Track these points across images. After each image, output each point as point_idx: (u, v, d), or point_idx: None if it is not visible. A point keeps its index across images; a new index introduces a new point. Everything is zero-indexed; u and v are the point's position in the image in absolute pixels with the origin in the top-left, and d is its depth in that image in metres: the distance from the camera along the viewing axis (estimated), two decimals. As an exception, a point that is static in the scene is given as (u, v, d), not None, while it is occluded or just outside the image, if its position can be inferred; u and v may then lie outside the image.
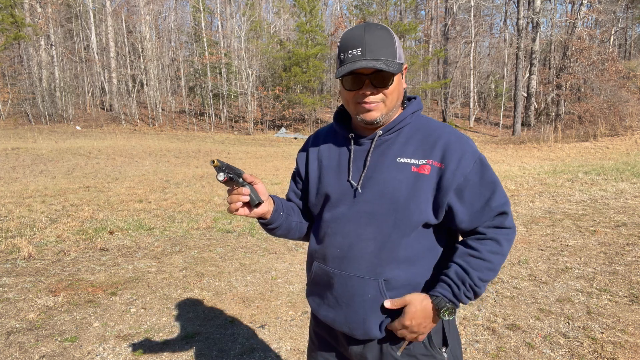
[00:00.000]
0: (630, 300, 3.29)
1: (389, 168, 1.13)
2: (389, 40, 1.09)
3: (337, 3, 41.69)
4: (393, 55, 1.09)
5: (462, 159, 1.09)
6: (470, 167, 1.10)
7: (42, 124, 25.49)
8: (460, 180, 1.09)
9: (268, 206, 1.18)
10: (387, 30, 1.10)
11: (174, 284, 3.78)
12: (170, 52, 34.46)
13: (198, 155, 15.41)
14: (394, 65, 1.07)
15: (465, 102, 32.05)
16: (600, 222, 5.53)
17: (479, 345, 2.73)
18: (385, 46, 1.08)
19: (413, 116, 1.19)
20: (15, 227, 5.42)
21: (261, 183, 1.16)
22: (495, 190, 1.12)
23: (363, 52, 1.07)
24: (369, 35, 1.07)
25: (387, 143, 1.16)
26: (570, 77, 24.67)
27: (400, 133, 1.17)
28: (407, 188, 1.10)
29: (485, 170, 1.12)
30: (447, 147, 1.11)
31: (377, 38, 1.07)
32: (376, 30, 1.08)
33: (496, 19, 38.39)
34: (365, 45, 1.07)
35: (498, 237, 1.11)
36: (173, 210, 6.61)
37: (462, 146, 1.11)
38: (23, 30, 26.83)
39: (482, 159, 1.12)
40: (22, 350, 2.67)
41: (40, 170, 10.59)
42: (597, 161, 11.87)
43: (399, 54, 1.10)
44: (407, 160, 1.12)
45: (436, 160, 1.10)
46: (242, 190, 1.10)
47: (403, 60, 1.13)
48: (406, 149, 1.14)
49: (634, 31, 37.79)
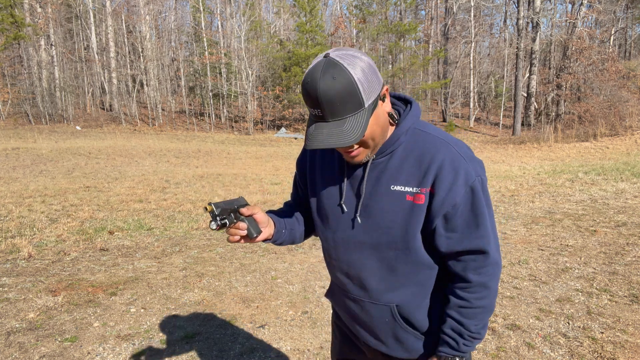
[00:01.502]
0: (630, 300, 3.29)
1: (383, 197, 1.08)
2: (350, 90, 0.93)
3: (337, 3, 41.70)
4: (359, 104, 0.95)
5: (453, 186, 1.02)
6: (460, 195, 1.03)
7: (42, 124, 25.49)
8: (448, 209, 1.04)
9: (268, 232, 1.17)
10: (345, 74, 0.93)
11: (174, 284, 3.78)
12: (170, 52, 34.47)
13: (198, 155, 15.42)
14: (360, 121, 0.96)
15: (465, 102, 32.06)
16: (600, 222, 5.53)
17: (479, 345, 2.73)
18: (346, 101, 0.94)
19: (407, 133, 1.08)
20: (15, 227, 5.42)
21: (260, 211, 1.13)
22: (480, 225, 1.05)
23: (324, 114, 0.96)
24: (324, 94, 0.93)
25: (380, 167, 1.09)
26: (570, 77, 24.67)
27: (394, 155, 1.08)
28: (403, 219, 1.07)
29: (476, 200, 1.04)
30: (439, 171, 1.03)
31: (335, 95, 0.93)
32: (332, 83, 0.92)
33: (496, 19, 38.43)
34: (324, 107, 0.94)
35: (484, 281, 1.08)
36: (173, 210, 6.61)
37: (455, 170, 1.02)
38: (23, 30, 26.83)
39: (474, 188, 1.03)
40: (22, 350, 2.67)
41: (40, 170, 10.59)
42: (597, 161, 11.87)
43: (367, 95, 0.96)
44: (401, 188, 1.06)
45: (428, 187, 1.04)
46: (239, 226, 1.09)
47: (377, 90, 0.98)
48: (399, 175, 1.07)
49: (634, 31, 37.80)
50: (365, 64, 0.96)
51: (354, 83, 0.94)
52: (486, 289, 1.09)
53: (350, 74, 0.93)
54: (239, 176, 10.36)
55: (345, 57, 0.95)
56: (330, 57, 0.95)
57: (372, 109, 0.98)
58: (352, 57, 0.96)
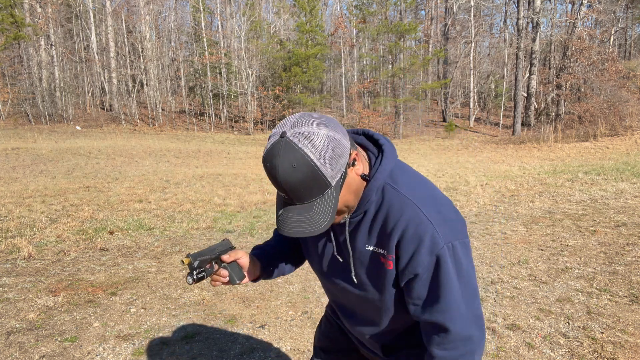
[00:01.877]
0: (630, 300, 3.29)
1: (361, 255, 1.06)
2: (312, 176, 0.87)
3: (337, 3, 41.71)
4: (325, 185, 0.89)
5: (415, 255, 0.96)
6: (423, 265, 0.96)
7: (42, 124, 25.49)
8: (410, 277, 0.99)
9: (253, 275, 1.16)
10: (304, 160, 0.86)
11: (174, 284, 3.78)
12: (170, 52, 34.48)
13: (198, 155, 15.42)
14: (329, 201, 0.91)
15: (465, 102, 32.07)
16: (600, 222, 5.53)
17: (479, 345, 2.73)
18: (311, 187, 0.88)
19: (379, 193, 1.01)
20: (15, 227, 5.42)
21: (244, 256, 1.11)
22: (443, 299, 0.97)
23: (291, 198, 0.91)
24: (286, 183, 0.87)
25: (356, 225, 1.05)
26: (570, 77, 24.67)
27: (366, 215, 1.03)
28: (380, 278, 1.05)
29: (442, 271, 0.96)
30: (402, 237, 0.96)
31: (298, 183, 0.87)
32: (292, 172, 0.86)
33: (496, 19, 38.44)
34: (289, 193, 0.89)
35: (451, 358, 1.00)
36: (173, 210, 6.61)
37: (419, 237, 0.95)
38: (23, 30, 26.83)
39: (440, 257, 0.95)
40: (22, 350, 2.67)
41: (40, 170, 10.59)
42: (597, 161, 11.87)
43: (332, 174, 0.89)
44: (375, 249, 1.03)
45: (393, 253, 0.99)
46: (220, 273, 1.09)
47: (343, 164, 0.91)
48: (372, 236, 1.03)
49: (634, 31, 37.81)
50: (325, 140, 0.87)
51: (315, 169, 0.86)
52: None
53: (310, 159, 0.85)
54: (239, 176, 10.36)
55: (303, 137, 0.86)
56: (287, 139, 0.86)
57: (341, 183, 0.92)
58: (311, 135, 0.87)
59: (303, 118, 0.90)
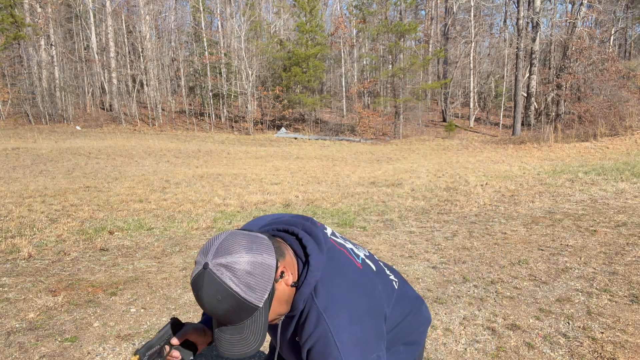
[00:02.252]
0: (630, 300, 3.29)
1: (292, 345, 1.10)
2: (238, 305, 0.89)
3: (337, 3, 41.71)
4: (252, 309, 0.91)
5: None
6: None
7: (42, 124, 25.49)
8: None
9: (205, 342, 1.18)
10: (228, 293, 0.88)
11: (174, 284, 3.78)
12: (170, 52, 34.48)
13: (198, 155, 15.42)
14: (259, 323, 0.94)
15: (465, 102, 32.09)
16: (600, 222, 5.53)
17: (479, 345, 2.73)
18: (238, 313, 0.91)
19: (304, 304, 1.03)
20: (15, 227, 5.42)
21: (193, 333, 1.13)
22: None
23: (220, 323, 0.95)
24: (215, 313, 0.90)
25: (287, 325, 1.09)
26: (570, 77, 24.68)
27: (294, 318, 1.06)
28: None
29: None
30: (311, 351, 0.99)
31: (225, 313, 0.90)
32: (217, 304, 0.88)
33: (496, 19, 38.44)
34: (218, 320, 0.93)
35: None
36: (173, 210, 6.61)
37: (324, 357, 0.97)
38: (23, 30, 26.84)
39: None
40: (22, 350, 2.67)
41: (40, 170, 10.59)
42: (597, 161, 11.87)
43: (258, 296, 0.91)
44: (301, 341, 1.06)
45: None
46: (172, 354, 1.10)
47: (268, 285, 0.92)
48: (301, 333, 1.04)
49: (634, 31, 37.81)
50: (248, 267, 0.89)
51: (240, 299, 0.88)
52: None
53: (233, 290, 0.87)
54: (239, 176, 10.36)
55: (224, 268, 0.88)
56: (209, 270, 0.88)
57: (270, 300, 0.94)
58: (232, 265, 0.88)
59: (226, 243, 0.91)
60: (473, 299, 3.41)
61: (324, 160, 14.88)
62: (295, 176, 10.51)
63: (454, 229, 5.56)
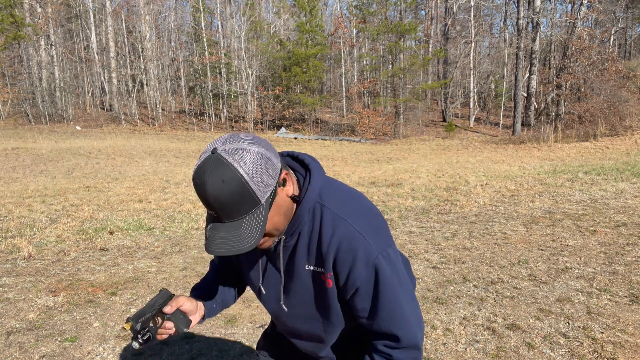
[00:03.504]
0: (630, 300, 3.29)
1: (300, 276, 1.06)
2: (241, 191, 0.87)
3: (337, 3, 41.69)
4: (254, 202, 0.88)
5: (352, 269, 0.98)
6: (361, 278, 0.98)
7: (42, 124, 25.49)
8: (352, 292, 1.01)
9: (198, 317, 1.15)
10: (234, 175, 0.86)
11: (174, 284, 3.78)
12: (170, 52, 34.46)
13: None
14: (258, 219, 0.90)
15: (465, 102, 32.06)
16: (600, 222, 5.53)
17: (479, 345, 2.73)
18: (239, 203, 0.87)
19: (310, 213, 1.02)
20: (15, 227, 5.42)
21: (186, 301, 1.10)
22: (387, 308, 0.99)
23: (219, 216, 0.90)
24: (215, 198, 0.86)
25: (291, 248, 1.05)
26: (570, 77, 24.67)
27: (301, 236, 1.03)
28: (322, 297, 1.06)
29: (382, 280, 0.98)
30: (337, 254, 0.98)
31: (226, 199, 0.86)
32: (221, 186, 0.85)
33: (496, 19, 38.43)
34: (217, 210, 0.89)
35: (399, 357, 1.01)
36: (173, 210, 6.61)
37: (353, 252, 0.97)
38: (23, 30, 26.83)
39: (378, 266, 0.97)
40: (22, 350, 2.67)
41: (40, 170, 10.59)
42: (597, 161, 11.87)
43: (261, 191, 0.89)
44: (314, 268, 1.04)
45: (330, 271, 1.01)
46: (165, 326, 1.07)
47: (273, 182, 0.91)
48: (310, 255, 1.04)
49: (634, 31, 37.81)
50: (255, 156, 0.88)
51: (245, 184, 0.86)
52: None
53: (239, 174, 0.86)
54: (239, 176, 10.36)
55: (234, 153, 0.87)
56: (218, 154, 0.87)
57: (270, 201, 0.92)
58: (241, 152, 0.87)
59: (234, 136, 0.91)
60: (473, 299, 3.41)
61: (324, 160, 14.88)
62: (295, 176, 10.51)
63: (454, 229, 5.56)
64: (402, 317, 1.00)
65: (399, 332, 0.99)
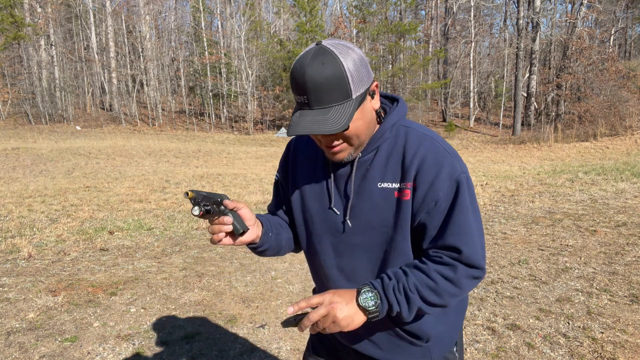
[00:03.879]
0: (630, 300, 3.29)
1: (372, 195, 1.04)
2: (338, 76, 0.91)
3: (337, 3, 41.68)
4: (346, 93, 0.92)
5: (435, 180, 0.99)
6: (443, 190, 0.99)
7: (42, 124, 25.49)
8: (430, 204, 0.99)
9: (256, 231, 1.08)
10: (335, 61, 0.91)
11: (174, 284, 3.78)
12: (170, 52, 34.47)
13: (198, 155, 15.42)
14: (346, 111, 0.93)
15: (465, 102, 32.05)
16: (600, 222, 5.53)
17: (479, 345, 2.73)
18: (333, 88, 0.91)
19: (393, 129, 1.05)
20: (15, 227, 5.42)
21: (246, 207, 1.05)
22: (460, 222, 0.99)
23: (309, 101, 0.93)
24: (312, 79, 0.90)
25: (366, 164, 1.05)
26: (570, 77, 24.67)
27: (379, 152, 1.05)
28: (392, 217, 1.03)
29: (460, 196, 0.99)
30: (422, 165, 0.99)
31: (323, 81, 0.90)
32: (321, 68, 0.90)
33: (496, 19, 38.42)
34: (310, 93, 0.92)
35: (455, 265, 0.99)
36: (173, 210, 6.61)
37: (438, 164, 0.99)
38: (23, 30, 26.84)
39: (459, 182, 0.99)
40: (22, 350, 2.67)
41: (40, 170, 10.59)
42: (597, 161, 11.87)
43: (355, 85, 0.93)
44: (388, 185, 1.03)
45: (411, 182, 1.00)
46: (223, 220, 0.99)
47: (366, 83, 0.96)
48: (386, 172, 1.03)
49: (634, 31, 37.81)
50: (357, 56, 0.94)
51: (343, 71, 0.91)
52: (452, 272, 0.99)
53: (340, 62, 0.91)
54: (239, 176, 10.36)
55: (338, 47, 0.93)
56: (323, 45, 0.93)
57: (360, 101, 0.95)
58: (345, 47, 0.94)
59: (340, 39, 0.98)
60: (473, 299, 3.41)
61: (324, 160, 14.84)
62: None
63: (454, 229, 5.55)
64: (470, 235, 0.99)
65: (464, 248, 0.98)
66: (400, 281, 0.99)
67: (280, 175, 1.25)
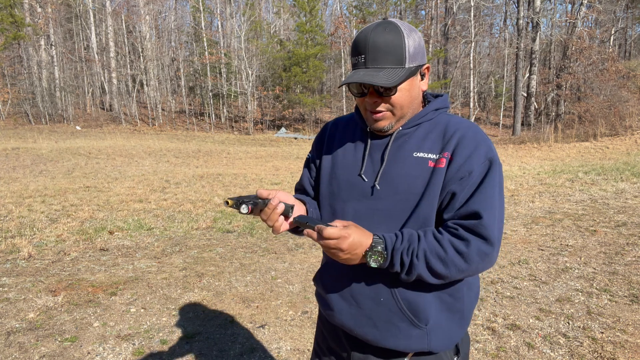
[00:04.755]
0: (630, 300, 3.29)
1: (404, 163, 1.09)
2: (397, 43, 1.01)
3: (337, 3, 41.68)
4: (400, 60, 1.02)
5: (472, 154, 1.05)
6: (478, 164, 1.04)
7: (42, 124, 25.49)
8: (464, 174, 1.04)
9: (301, 208, 1.15)
10: (397, 31, 1.02)
11: (174, 284, 3.78)
12: (170, 52, 34.44)
13: (198, 155, 15.41)
14: (397, 74, 1.01)
15: (465, 102, 32.05)
16: (600, 222, 5.53)
17: (479, 345, 2.73)
18: (390, 52, 1.01)
19: (436, 113, 1.14)
20: (15, 227, 5.42)
21: (279, 191, 1.10)
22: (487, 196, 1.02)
23: (366, 60, 1.03)
24: (373, 40, 1.01)
25: (405, 137, 1.12)
26: (570, 77, 24.67)
27: (419, 128, 1.12)
28: (422, 185, 1.07)
29: (491, 174, 1.04)
30: (461, 139, 1.06)
31: (382, 43, 1.01)
32: (383, 33, 1.01)
33: (496, 19, 38.41)
34: (368, 52, 1.02)
35: (469, 240, 1.00)
36: (173, 210, 6.61)
37: (477, 142, 1.06)
38: (23, 30, 26.83)
39: (492, 162, 1.05)
40: (22, 350, 2.67)
41: (40, 170, 10.59)
42: (597, 161, 11.87)
43: (410, 57, 1.03)
44: (423, 155, 1.08)
45: (449, 152, 1.06)
46: (272, 205, 1.04)
47: (420, 61, 1.06)
48: (424, 144, 1.10)
49: (634, 31, 37.80)
50: (418, 37, 1.05)
51: (402, 41, 1.02)
52: (465, 247, 1.00)
53: (402, 33, 1.03)
54: (239, 176, 10.36)
55: (403, 24, 1.05)
56: (389, 19, 1.06)
57: (411, 73, 1.04)
58: (409, 27, 1.06)
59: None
60: (473, 299, 3.40)
61: (324, 160, 14.84)
62: (295, 176, 10.50)
63: (454, 229, 5.55)
64: (492, 208, 1.03)
65: (485, 214, 1.01)
66: (411, 245, 1.02)
67: (313, 153, 1.32)
